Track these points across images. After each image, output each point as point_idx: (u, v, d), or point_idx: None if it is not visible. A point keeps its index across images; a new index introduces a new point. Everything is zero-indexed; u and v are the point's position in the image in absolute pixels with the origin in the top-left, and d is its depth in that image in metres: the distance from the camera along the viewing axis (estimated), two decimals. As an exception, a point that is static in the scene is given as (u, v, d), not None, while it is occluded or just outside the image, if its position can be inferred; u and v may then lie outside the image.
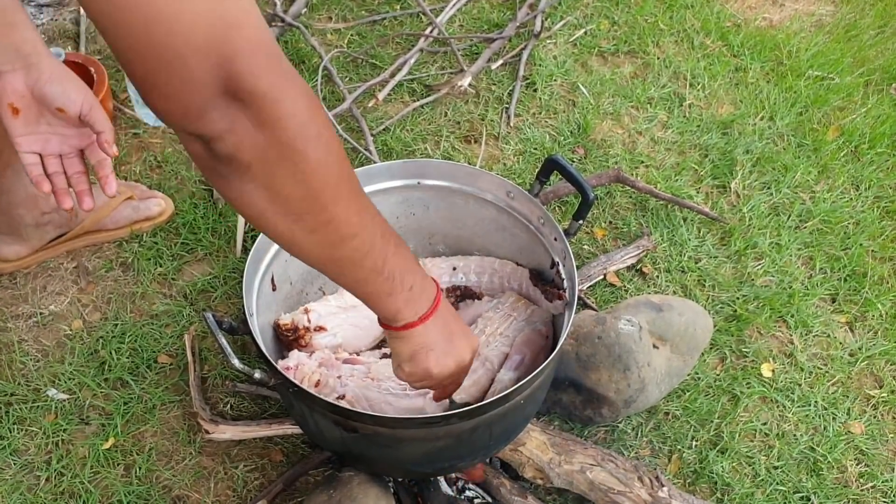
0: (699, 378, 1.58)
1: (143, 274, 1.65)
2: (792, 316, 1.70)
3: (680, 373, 1.51)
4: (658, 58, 2.23)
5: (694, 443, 1.51)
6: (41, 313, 1.59)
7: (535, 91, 2.09)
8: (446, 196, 1.44)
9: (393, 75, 2.06)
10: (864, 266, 1.81)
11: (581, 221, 1.28)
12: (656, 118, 2.08)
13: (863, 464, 1.52)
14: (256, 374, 1.07)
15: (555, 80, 2.13)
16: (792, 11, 2.49)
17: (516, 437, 1.34)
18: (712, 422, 1.53)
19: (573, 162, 1.95)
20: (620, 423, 1.51)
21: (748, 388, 1.58)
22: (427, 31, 2.18)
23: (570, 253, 1.28)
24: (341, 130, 1.92)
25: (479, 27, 2.26)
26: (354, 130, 1.95)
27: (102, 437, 1.43)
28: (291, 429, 1.42)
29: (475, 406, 1.08)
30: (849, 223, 1.90)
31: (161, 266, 1.67)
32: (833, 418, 1.56)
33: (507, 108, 2.04)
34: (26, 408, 1.46)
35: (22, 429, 1.43)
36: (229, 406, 1.48)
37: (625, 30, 2.30)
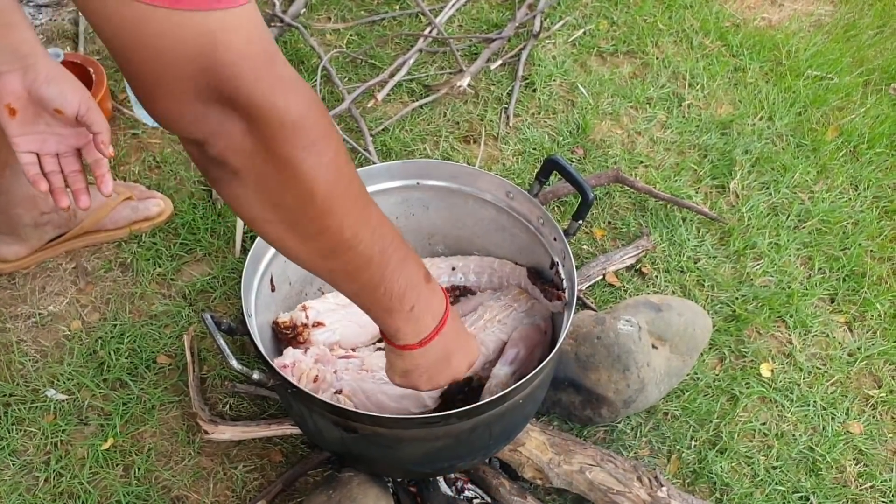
0: (698, 378, 1.58)
1: (142, 274, 1.65)
2: (791, 316, 1.70)
3: (679, 373, 1.51)
4: (657, 58, 2.23)
5: (693, 443, 1.51)
6: (40, 314, 1.58)
7: (535, 91, 2.09)
8: (446, 196, 1.44)
9: (392, 75, 2.06)
10: (863, 266, 1.81)
11: (580, 221, 1.28)
12: (655, 118, 2.08)
13: (862, 464, 1.52)
14: (255, 375, 1.07)
15: (554, 81, 2.13)
16: (791, 11, 2.49)
17: (516, 437, 1.34)
18: (711, 422, 1.53)
19: (572, 162, 1.95)
20: (620, 424, 1.51)
21: (747, 388, 1.58)
22: (426, 32, 2.18)
23: (570, 253, 1.28)
24: (340, 131, 1.92)
25: (478, 27, 2.26)
26: (353, 131, 1.95)
27: (101, 438, 1.43)
28: (291, 429, 1.42)
29: (474, 406, 1.08)
30: (848, 223, 1.90)
31: (160, 266, 1.66)
32: (832, 418, 1.56)
33: (507, 109, 2.04)
34: (25, 408, 1.45)
35: (21, 429, 1.43)
36: (228, 406, 1.48)
37: (624, 30, 2.30)
